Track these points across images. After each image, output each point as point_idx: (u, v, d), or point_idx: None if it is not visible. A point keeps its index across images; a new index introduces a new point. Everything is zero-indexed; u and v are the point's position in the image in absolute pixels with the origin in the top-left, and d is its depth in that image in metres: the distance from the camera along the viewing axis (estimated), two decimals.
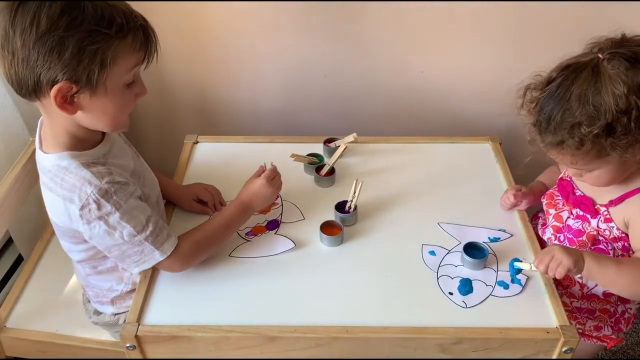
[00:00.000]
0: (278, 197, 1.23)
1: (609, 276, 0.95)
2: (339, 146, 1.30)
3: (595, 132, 0.87)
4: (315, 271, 1.07)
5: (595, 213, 1.03)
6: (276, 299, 1.01)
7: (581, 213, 1.06)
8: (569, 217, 1.08)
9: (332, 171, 1.28)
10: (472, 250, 1.07)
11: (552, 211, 1.12)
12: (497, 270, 1.06)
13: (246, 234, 1.15)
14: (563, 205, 1.10)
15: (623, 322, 1.14)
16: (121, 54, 0.86)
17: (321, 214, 1.17)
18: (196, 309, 1.00)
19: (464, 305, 1.00)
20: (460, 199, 1.22)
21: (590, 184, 1.01)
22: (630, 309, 1.14)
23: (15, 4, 0.81)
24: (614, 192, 1.01)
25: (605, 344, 1.15)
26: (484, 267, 1.06)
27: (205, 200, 1.20)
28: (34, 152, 1.24)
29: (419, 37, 1.48)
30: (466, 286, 1.03)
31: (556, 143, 0.92)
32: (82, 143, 0.95)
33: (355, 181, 1.16)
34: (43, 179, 0.96)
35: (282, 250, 1.11)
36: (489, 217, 1.18)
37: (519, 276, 1.03)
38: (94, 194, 0.90)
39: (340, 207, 1.17)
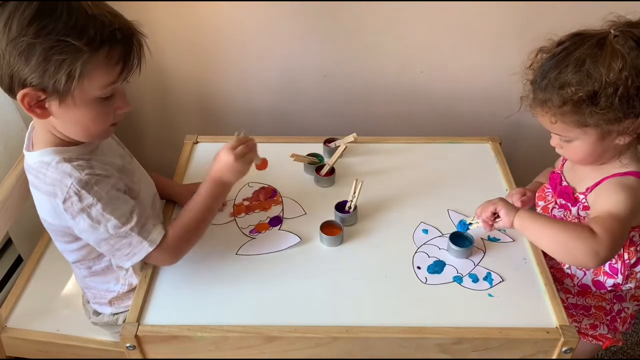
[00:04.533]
0: (276, 192, 1.24)
1: (538, 230, 0.97)
2: (338, 146, 1.30)
3: (579, 94, 0.90)
4: (315, 271, 1.07)
5: (575, 201, 1.06)
6: (276, 299, 1.01)
7: (563, 202, 1.08)
8: (554, 208, 1.11)
9: (332, 171, 1.28)
10: (460, 239, 1.09)
11: (540, 203, 1.14)
12: (477, 265, 1.07)
13: (250, 231, 1.15)
14: (552, 197, 1.12)
15: (619, 320, 1.14)
16: (94, 68, 0.84)
17: (321, 214, 1.17)
18: (196, 308, 1.00)
19: (424, 280, 1.04)
20: (460, 199, 1.22)
21: (568, 157, 1.05)
22: (628, 308, 1.14)
23: None
24: (591, 179, 1.03)
25: (600, 344, 1.15)
26: (466, 258, 1.08)
27: None
28: None
29: (419, 37, 1.48)
30: (437, 267, 1.06)
31: (543, 100, 0.95)
32: (66, 142, 0.95)
33: (355, 181, 1.16)
34: (29, 178, 0.97)
35: (288, 245, 1.11)
36: (462, 212, 1.18)
37: (493, 276, 1.04)
38: (74, 186, 0.90)
39: (340, 207, 1.17)
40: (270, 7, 1.43)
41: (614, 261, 1.05)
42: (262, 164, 1.13)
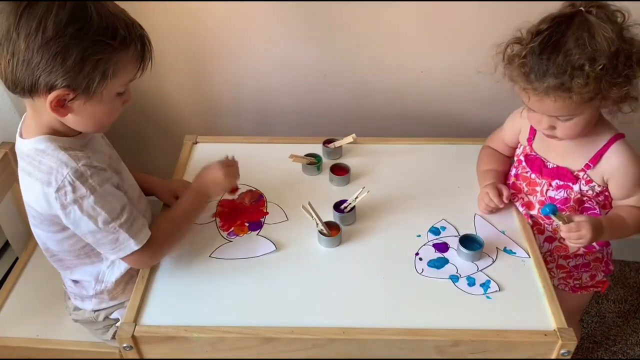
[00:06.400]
0: (262, 197, 1.23)
1: (617, 236, 1.09)
2: (338, 147, 1.29)
3: (598, 70, 0.92)
4: (313, 272, 1.07)
5: (576, 179, 1.10)
6: (273, 300, 1.01)
7: (561, 183, 1.11)
8: (548, 189, 1.13)
9: (347, 170, 1.27)
10: (469, 241, 1.09)
11: (537, 189, 1.15)
12: (479, 270, 1.06)
13: (228, 234, 1.15)
14: (539, 179, 1.15)
15: (610, 262, 1.25)
16: (122, 65, 0.88)
17: (319, 214, 1.16)
18: (193, 309, 1.00)
19: (420, 270, 1.05)
20: (460, 200, 1.22)
21: (562, 135, 1.04)
22: (610, 246, 1.24)
23: (21, 7, 0.82)
24: (584, 155, 1.08)
25: (599, 289, 1.26)
26: (473, 261, 1.07)
27: None
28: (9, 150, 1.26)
29: (419, 37, 1.47)
30: (438, 262, 1.07)
31: (557, 86, 0.95)
32: (60, 132, 0.95)
33: (362, 188, 1.15)
34: (21, 164, 0.97)
35: (262, 253, 1.10)
36: (488, 218, 1.17)
37: (491, 284, 1.02)
38: (69, 176, 0.91)
39: (339, 206, 1.17)
40: (269, 7, 1.42)
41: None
42: (235, 190, 1.21)
